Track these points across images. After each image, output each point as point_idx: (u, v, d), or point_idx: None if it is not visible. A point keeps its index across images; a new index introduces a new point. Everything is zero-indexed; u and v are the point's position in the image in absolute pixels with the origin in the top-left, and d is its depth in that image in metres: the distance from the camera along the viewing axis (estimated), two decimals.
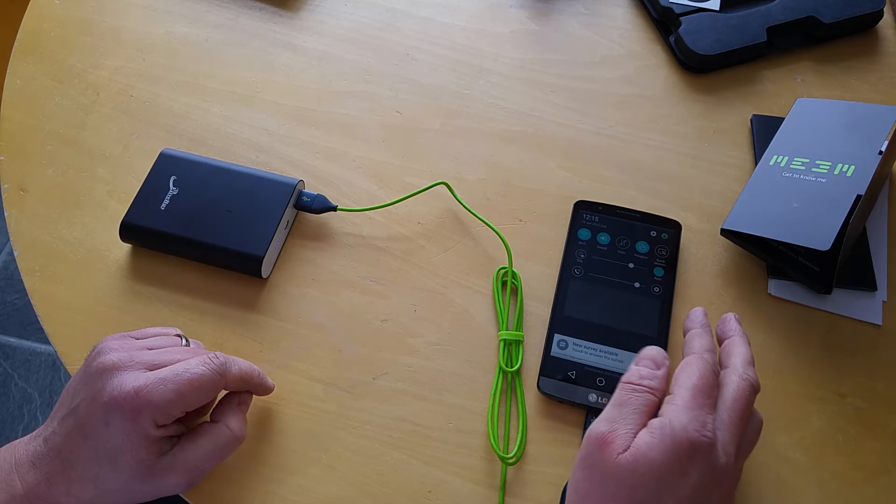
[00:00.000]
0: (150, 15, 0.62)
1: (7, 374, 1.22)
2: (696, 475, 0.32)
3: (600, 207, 0.50)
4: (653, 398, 0.36)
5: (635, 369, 0.37)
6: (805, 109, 0.53)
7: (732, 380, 0.36)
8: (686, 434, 0.32)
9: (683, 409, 0.34)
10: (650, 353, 0.38)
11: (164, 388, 0.37)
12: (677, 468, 0.32)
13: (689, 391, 0.34)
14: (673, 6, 0.59)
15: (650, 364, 0.37)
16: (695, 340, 0.39)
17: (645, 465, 0.32)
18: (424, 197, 0.52)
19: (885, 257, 0.49)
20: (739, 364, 0.37)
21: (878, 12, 0.58)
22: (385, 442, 0.44)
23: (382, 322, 0.48)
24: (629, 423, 0.34)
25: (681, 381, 0.35)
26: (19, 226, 0.52)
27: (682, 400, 0.34)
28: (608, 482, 0.33)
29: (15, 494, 0.36)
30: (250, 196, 0.49)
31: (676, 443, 0.32)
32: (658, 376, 0.37)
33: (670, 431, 0.33)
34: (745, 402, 0.35)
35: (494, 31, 0.61)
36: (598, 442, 0.34)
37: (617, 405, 0.36)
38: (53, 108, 0.57)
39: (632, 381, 0.36)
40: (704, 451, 0.33)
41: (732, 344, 0.39)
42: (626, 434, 0.34)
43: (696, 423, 0.33)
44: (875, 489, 0.42)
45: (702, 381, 0.35)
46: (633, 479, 0.32)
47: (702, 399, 0.34)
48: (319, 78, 0.59)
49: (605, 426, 0.35)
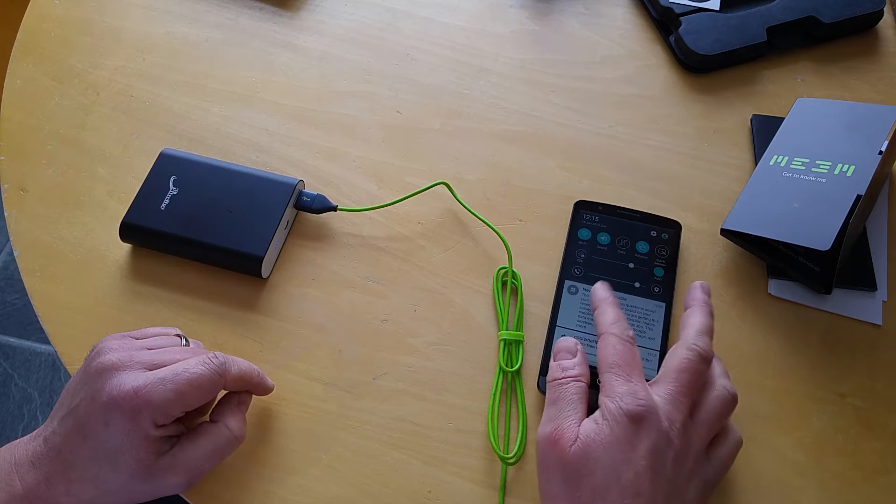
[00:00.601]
0: (150, 15, 0.62)
1: (7, 374, 1.22)
2: (645, 443, 0.34)
3: (600, 207, 0.50)
4: (581, 384, 0.38)
5: (555, 365, 0.39)
6: (805, 109, 0.53)
7: (679, 351, 0.37)
8: (621, 410, 0.34)
9: (612, 389, 0.35)
10: (563, 345, 0.40)
11: (163, 387, 0.37)
12: (626, 442, 0.34)
13: (610, 372, 0.36)
14: (673, 6, 0.59)
15: (566, 355, 0.39)
16: (602, 316, 0.40)
17: (595, 448, 0.34)
18: (424, 197, 0.52)
19: (885, 257, 0.49)
20: (690, 335, 0.38)
21: (878, 12, 0.58)
22: (385, 442, 0.44)
23: (382, 322, 0.48)
24: (569, 414, 0.36)
25: (602, 366, 0.37)
26: (19, 226, 0.52)
27: (608, 382, 0.36)
28: (568, 475, 0.34)
29: (15, 494, 0.36)
30: (250, 196, 0.49)
31: (617, 421, 0.34)
32: (577, 363, 0.39)
33: (608, 414, 0.34)
34: (691, 372, 0.36)
35: (494, 31, 0.61)
36: (548, 441, 0.36)
37: (552, 403, 0.37)
38: (53, 108, 0.57)
39: (556, 378, 0.38)
40: (643, 418, 0.34)
41: (688, 315, 0.40)
42: (570, 426, 0.35)
43: (627, 396, 0.35)
44: (875, 489, 0.42)
45: (620, 357, 0.37)
46: (589, 464, 0.34)
47: (625, 372, 0.36)
48: (319, 78, 0.59)
49: (549, 427, 0.36)
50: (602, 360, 0.37)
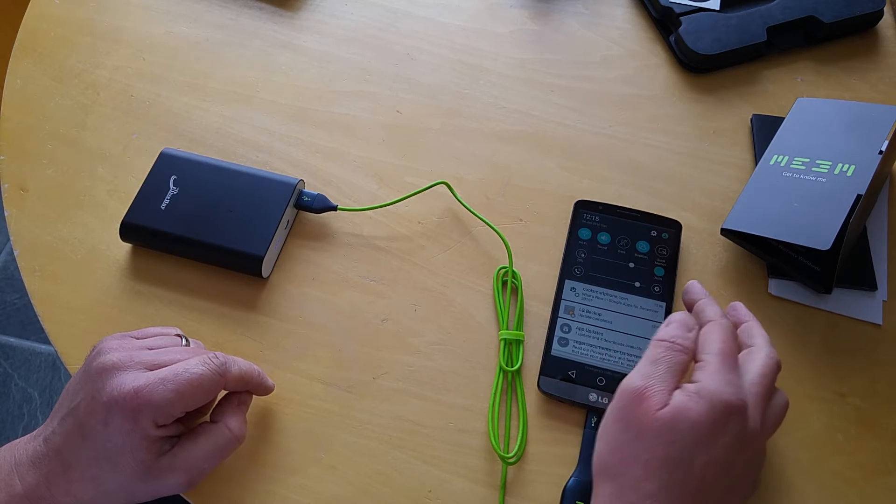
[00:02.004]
0: (150, 15, 0.62)
1: (7, 374, 1.22)
2: (729, 437, 0.34)
3: (601, 207, 0.50)
4: (685, 357, 0.37)
5: (667, 329, 0.38)
6: (805, 109, 0.53)
7: (759, 356, 0.37)
8: (721, 396, 0.34)
9: (716, 373, 0.35)
10: (680, 317, 0.39)
11: (163, 388, 0.37)
12: (712, 429, 0.33)
13: (718, 356, 0.36)
14: (673, 6, 0.59)
15: (681, 327, 0.38)
16: (707, 308, 0.40)
17: (683, 422, 0.33)
18: (424, 197, 0.52)
19: (885, 257, 0.49)
20: (764, 343, 0.38)
21: (878, 12, 0.58)
22: (385, 442, 0.44)
23: (383, 322, 0.48)
24: (664, 380, 0.35)
25: (707, 348, 0.37)
26: (19, 226, 0.52)
27: (712, 365, 0.35)
28: (644, 436, 0.34)
29: (15, 494, 0.36)
30: (250, 196, 0.49)
31: (712, 404, 0.34)
32: (690, 337, 0.38)
33: (706, 394, 0.34)
34: (771, 378, 0.37)
35: (494, 31, 0.61)
36: (635, 396, 0.35)
37: (651, 362, 0.36)
38: (53, 108, 0.57)
39: (666, 339, 0.37)
40: (737, 412, 0.34)
41: (752, 327, 0.40)
42: (661, 391, 0.35)
43: (729, 385, 0.34)
44: (875, 489, 0.42)
45: (727, 346, 0.36)
46: (670, 435, 0.33)
47: (730, 362, 0.36)
48: (319, 78, 0.59)
49: (640, 381, 0.35)
50: (709, 343, 0.37)
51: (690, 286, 0.42)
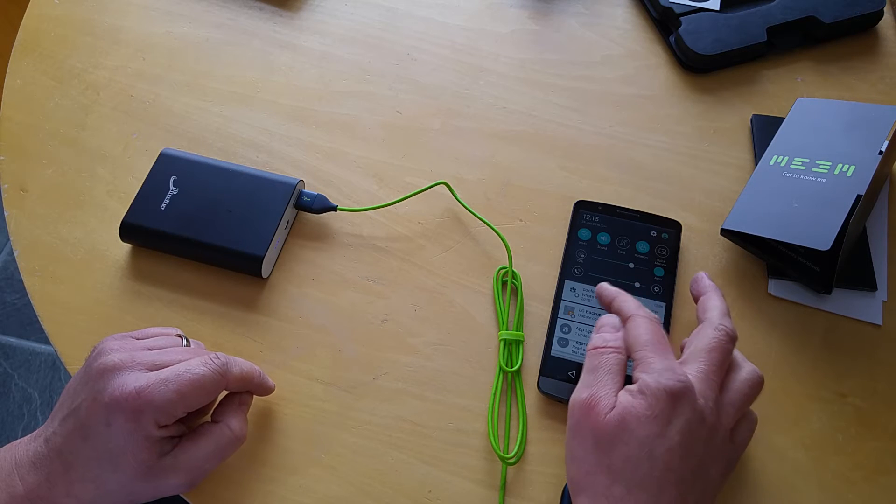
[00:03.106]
0: (150, 15, 0.62)
1: (7, 374, 1.22)
2: (681, 420, 0.34)
3: (600, 207, 0.50)
4: (620, 356, 0.38)
5: (597, 336, 0.39)
6: (805, 109, 0.53)
7: (707, 332, 0.38)
8: (660, 385, 0.34)
9: (649, 365, 0.36)
10: (608, 321, 0.40)
11: (165, 388, 0.37)
12: (662, 418, 0.34)
13: (647, 348, 0.36)
14: (673, 6, 0.59)
15: (610, 329, 0.39)
16: (625, 304, 0.40)
17: (631, 420, 0.34)
18: (424, 197, 0.52)
19: (885, 257, 0.49)
20: (715, 316, 0.38)
21: (878, 12, 0.58)
22: (385, 442, 0.44)
23: (382, 322, 0.48)
24: (606, 384, 0.36)
25: (635, 344, 0.37)
26: (19, 226, 0.52)
27: (644, 359, 0.36)
28: (600, 442, 0.35)
29: (15, 495, 0.36)
30: (250, 196, 0.49)
31: (655, 396, 0.34)
32: (619, 336, 0.39)
33: (646, 388, 0.35)
34: (721, 352, 0.37)
35: (494, 31, 0.61)
36: (583, 407, 0.36)
37: (591, 371, 0.37)
38: (53, 108, 0.57)
39: (598, 346, 0.38)
40: (681, 395, 0.34)
41: (707, 299, 0.40)
42: (607, 395, 0.36)
43: (665, 372, 0.35)
44: (875, 489, 0.42)
45: (652, 335, 0.37)
46: (623, 435, 0.34)
47: (660, 349, 0.36)
48: (319, 78, 0.59)
49: (585, 392, 0.36)
50: (635, 339, 0.37)
51: (599, 289, 0.43)
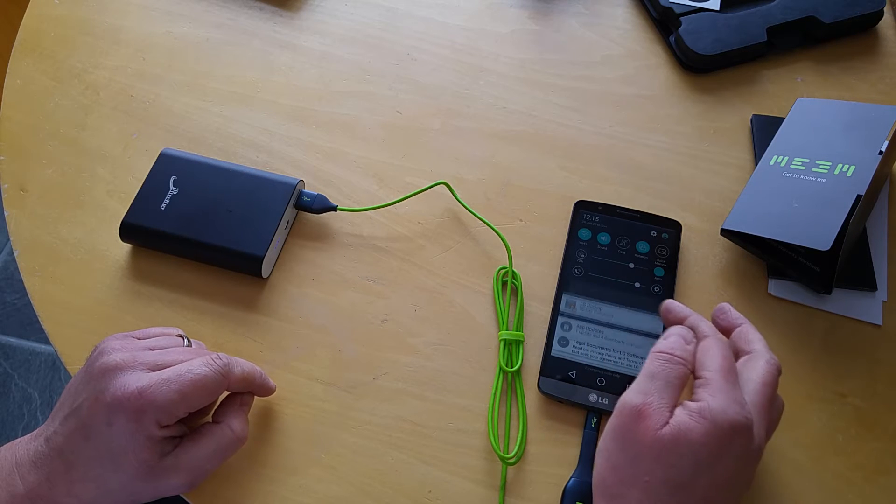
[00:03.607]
0: (150, 15, 0.62)
1: (7, 374, 1.22)
2: (733, 456, 0.33)
3: (600, 207, 0.50)
4: (684, 370, 0.35)
5: (666, 342, 0.37)
6: (805, 109, 0.53)
7: (760, 363, 0.36)
8: (726, 416, 0.33)
9: (719, 392, 0.34)
10: (680, 331, 0.38)
11: (167, 388, 0.37)
12: (716, 449, 0.32)
13: (719, 373, 0.34)
14: (673, 6, 0.59)
15: (680, 339, 0.37)
16: (701, 323, 0.38)
17: (685, 444, 0.32)
18: (424, 197, 0.52)
19: (885, 257, 0.49)
20: (763, 348, 0.37)
21: (878, 12, 0.58)
22: (385, 442, 0.44)
23: (382, 322, 0.48)
24: (663, 396, 0.34)
25: (708, 364, 0.35)
26: (19, 226, 0.52)
27: (715, 383, 0.34)
28: (643, 457, 0.33)
29: (16, 494, 0.36)
30: (250, 196, 0.49)
31: (716, 425, 0.32)
32: (689, 350, 0.37)
33: (710, 414, 0.33)
34: (773, 386, 0.36)
35: (494, 31, 0.61)
36: (634, 414, 0.34)
37: (649, 376, 0.35)
38: (53, 108, 0.57)
39: (665, 351, 0.36)
40: (742, 432, 0.33)
41: (747, 330, 0.39)
42: (661, 408, 0.34)
43: (734, 405, 0.33)
44: (875, 489, 0.42)
45: (727, 362, 0.35)
46: (671, 457, 0.32)
47: (732, 379, 0.35)
48: (319, 78, 0.59)
49: (639, 398, 0.34)
50: (709, 360, 0.35)
51: (671, 305, 0.41)
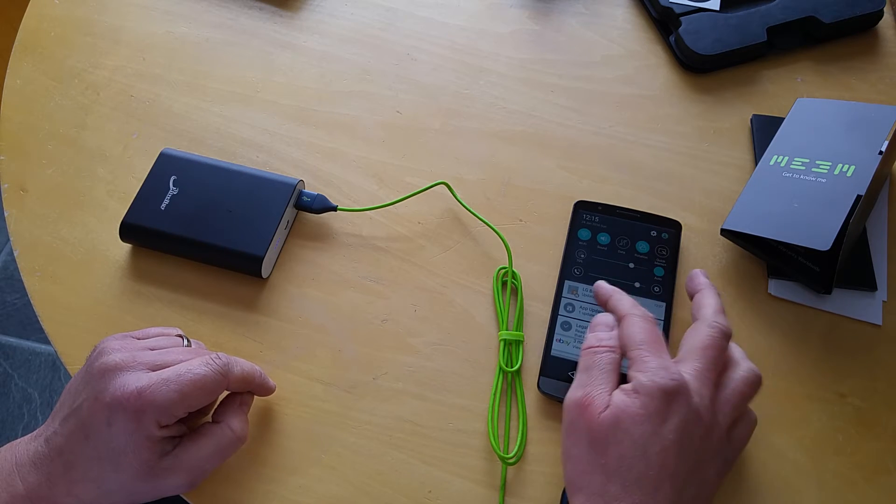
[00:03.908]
0: (150, 15, 0.62)
1: (7, 374, 1.22)
2: (675, 419, 0.34)
3: (600, 207, 0.50)
4: (614, 355, 0.38)
5: (591, 335, 0.39)
6: (805, 109, 0.53)
7: (701, 328, 0.38)
8: (655, 384, 0.34)
9: (643, 363, 0.35)
10: (602, 320, 0.40)
11: (166, 388, 0.37)
12: (656, 417, 0.34)
13: (642, 347, 0.36)
14: (673, 6, 0.59)
15: (604, 328, 0.40)
16: (620, 303, 0.40)
17: (626, 419, 0.34)
18: (424, 197, 0.52)
19: (885, 257, 0.49)
20: (709, 314, 0.38)
21: (878, 12, 0.58)
22: (385, 442, 0.44)
23: (382, 322, 0.48)
24: (601, 382, 0.36)
25: (630, 343, 0.37)
26: (19, 226, 0.52)
27: (639, 358, 0.36)
28: (595, 442, 0.35)
29: (16, 494, 0.36)
30: (250, 196, 0.49)
31: (649, 395, 0.34)
32: (614, 335, 0.39)
33: (641, 387, 0.35)
34: (715, 349, 0.37)
35: (494, 31, 0.61)
36: (578, 406, 0.36)
37: (585, 370, 0.38)
38: (53, 108, 0.57)
39: (592, 345, 0.38)
40: (675, 393, 0.34)
41: (701, 297, 0.40)
42: (601, 394, 0.36)
43: (660, 371, 0.35)
44: (875, 489, 0.42)
45: (646, 334, 0.37)
46: (617, 434, 0.34)
47: (655, 348, 0.36)
48: (319, 78, 0.59)
49: (580, 391, 0.36)
50: (630, 338, 0.37)
51: (596, 287, 0.42)
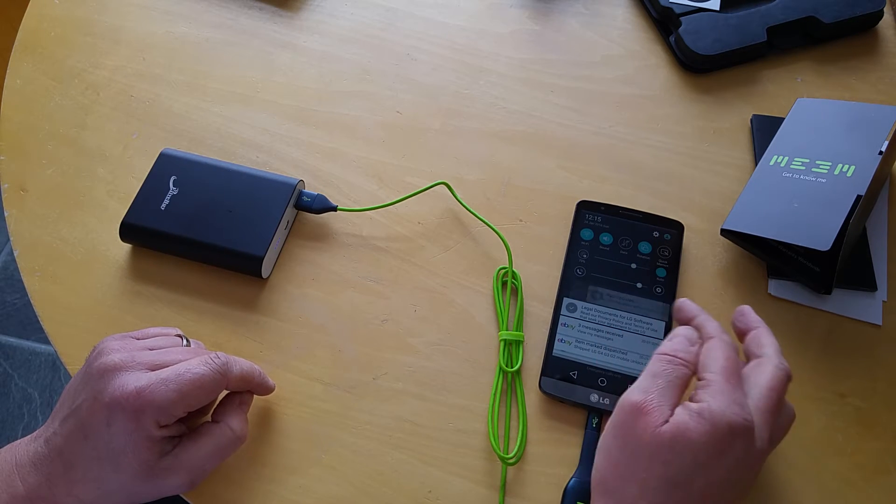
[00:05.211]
0: (150, 15, 0.62)
1: (7, 374, 1.22)
2: (732, 458, 0.33)
3: (603, 208, 0.50)
4: (686, 371, 0.36)
5: (670, 343, 0.37)
6: (805, 109, 0.53)
7: (768, 368, 0.36)
8: (725, 417, 0.33)
9: (720, 393, 0.34)
10: (685, 332, 0.38)
11: (166, 388, 0.37)
12: (714, 450, 0.32)
13: (721, 374, 0.35)
14: (673, 6, 0.59)
15: (685, 341, 0.37)
16: (707, 324, 0.38)
17: (683, 443, 0.32)
18: (424, 197, 0.52)
19: (885, 257, 0.49)
20: (773, 353, 0.37)
21: (878, 12, 0.58)
22: (385, 442, 0.44)
23: (382, 322, 0.48)
24: (664, 395, 0.34)
25: (711, 366, 0.35)
26: (19, 226, 0.52)
27: (716, 384, 0.34)
28: (641, 453, 0.33)
29: (16, 495, 0.36)
30: (250, 196, 0.49)
31: (715, 425, 0.32)
32: (692, 352, 0.37)
33: (709, 415, 0.33)
34: (780, 392, 0.35)
35: (494, 31, 0.61)
36: (634, 411, 0.34)
37: (651, 376, 0.36)
38: (53, 108, 0.57)
39: (667, 353, 0.36)
40: (742, 433, 0.33)
41: (761, 334, 0.39)
42: (661, 406, 0.34)
43: (734, 406, 0.33)
44: (875, 489, 0.42)
45: (730, 363, 0.35)
46: (669, 455, 0.32)
47: (734, 381, 0.34)
48: (319, 78, 0.59)
49: (639, 395, 0.35)
50: (712, 361, 0.35)
51: (682, 304, 0.41)
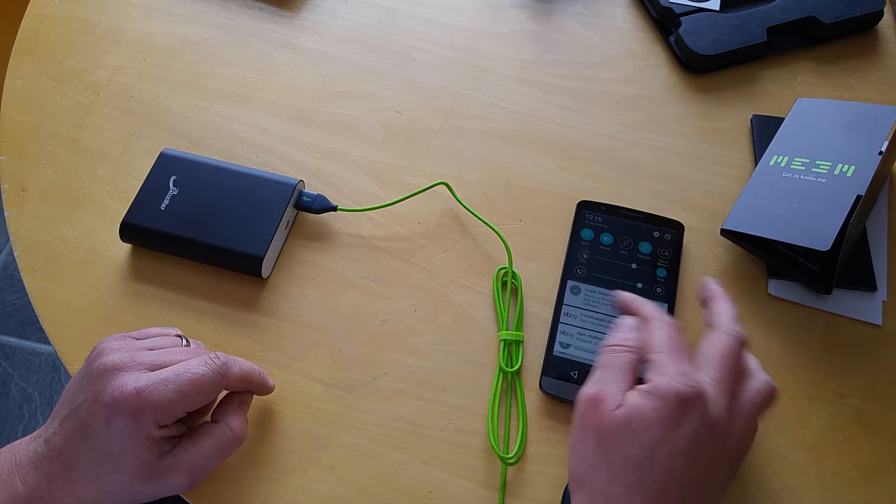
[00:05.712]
0: (150, 15, 0.62)
1: (7, 374, 1.22)
2: (689, 427, 0.33)
3: (603, 208, 0.50)
4: (633, 356, 0.37)
5: (614, 335, 0.39)
6: (805, 109, 0.53)
7: (719, 335, 0.37)
8: (672, 389, 0.34)
9: (664, 368, 0.35)
10: (626, 321, 0.40)
11: (165, 388, 0.37)
12: (669, 422, 0.33)
13: (664, 353, 0.36)
14: (673, 6, 0.59)
15: (627, 329, 0.39)
16: (644, 307, 0.40)
17: (638, 421, 0.34)
18: (424, 197, 0.52)
19: (885, 257, 0.49)
20: (725, 321, 0.38)
21: (878, 12, 0.58)
22: (385, 442, 0.44)
23: (382, 322, 0.48)
24: (617, 381, 0.36)
25: (653, 347, 0.37)
26: (19, 226, 0.52)
27: (660, 361, 0.36)
28: (603, 439, 0.34)
29: (16, 495, 0.36)
30: (250, 196, 0.49)
31: (665, 399, 0.34)
32: (636, 338, 0.38)
33: (657, 391, 0.34)
34: (732, 357, 0.36)
35: (494, 31, 0.61)
36: (590, 402, 0.36)
37: (602, 368, 0.37)
38: (53, 108, 0.57)
39: (612, 344, 0.38)
40: (692, 401, 0.34)
41: (716, 304, 0.40)
42: (615, 392, 0.35)
43: (679, 377, 0.34)
44: (875, 489, 0.42)
45: (671, 340, 0.37)
46: (627, 433, 0.34)
47: (678, 355, 0.36)
48: (319, 78, 0.59)
49: (594, 387, 0.36)
50: (652, 342, 0.37)
51: (616, 295, 0.42)
